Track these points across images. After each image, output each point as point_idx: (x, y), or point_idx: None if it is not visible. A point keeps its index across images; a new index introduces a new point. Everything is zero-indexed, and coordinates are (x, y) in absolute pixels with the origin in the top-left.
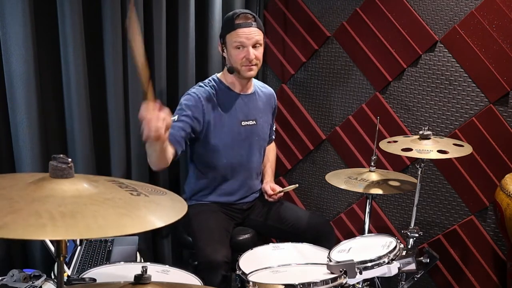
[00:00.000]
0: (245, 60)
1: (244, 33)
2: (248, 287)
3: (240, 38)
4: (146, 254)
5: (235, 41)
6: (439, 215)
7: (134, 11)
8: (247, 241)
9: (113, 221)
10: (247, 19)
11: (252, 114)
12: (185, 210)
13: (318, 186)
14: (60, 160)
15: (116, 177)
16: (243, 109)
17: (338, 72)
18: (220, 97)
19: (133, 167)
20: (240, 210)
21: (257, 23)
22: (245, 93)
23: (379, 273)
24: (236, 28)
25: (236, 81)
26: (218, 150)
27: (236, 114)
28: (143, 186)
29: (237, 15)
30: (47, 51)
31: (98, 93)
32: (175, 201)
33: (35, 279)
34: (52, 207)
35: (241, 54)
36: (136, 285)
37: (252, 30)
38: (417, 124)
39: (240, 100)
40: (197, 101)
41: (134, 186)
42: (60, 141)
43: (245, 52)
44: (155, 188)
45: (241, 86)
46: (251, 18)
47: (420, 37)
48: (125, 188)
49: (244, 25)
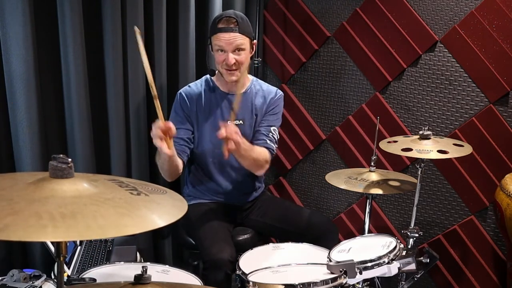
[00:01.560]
0: (224, 64)
1: (224, 38)
2: (248, 287)
3: (220, 42)
4: (146, 254)
5: (215, 44)
6: (439, 215)
7: (140, 34)
8: (247, 241)
9: (113, 221)
10: (229, 24)
11: (240, 114)
12: (185, 209)
13: (318, 186)
14: (60, 160)
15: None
16: (231, 108)
17: (338, 72)
18: (208, 96)
19: (133, 167)
20: (239, 210)
21: (241, 28)
22: (234, 92)
23: (379, 273)
24: (217, 32)
25: (224, 82)
26: (205, 148)
27: (222, 113)
28: (143, 185)
29: (220, 18)
30: (47, 51)
31: (98, 93)
32: (175, 200)
33: (35, 279)
34: (52, 208)
35: (221, 57)
36: (136, 285)
37: (233, 35)
38: (417, 124)
39: (228, 100)
40: (183, 99)
41: (134, 185)
42: (60, 141)
43: (225, 56)
44: (155, 187)
45: (230, 86)
46: (233, 23)
47: (420, 37)
48: (125, 187)
49: (224, 30)
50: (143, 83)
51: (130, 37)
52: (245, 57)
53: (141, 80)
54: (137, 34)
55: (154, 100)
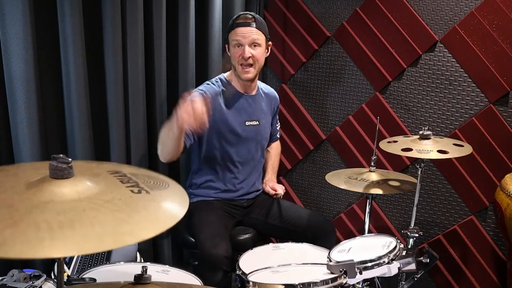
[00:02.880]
0: (241, 59)
1: (242, 32)
2: (248, 287)
3: (237, 36)
4: (146, 254)
5: (233, 39)
6: (439, 215)
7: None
8: (247, 241)
9: (111, 230)
10: (246, 19)
11: (255, 115)
12: (186, 207)
13: (318, 186)
14: (60, 160)
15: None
16: (247, 110)
17: (338, 72)
18: (227, 96)
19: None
20: (240, 207)
21: (257, 24)
22: (249, 94)
23: (379, 273)
24: (234, 27)
25: (240, 83)
26: (222, 148)
27: (240, 113)
28: (146, 177)
29: (239, 15)
30: (47, 51)
31: (98, 93)
32: (176, 197)
33: (35, 279)
34: (51, 216)
35: (238, 52)
36: (136, 285)
37: (250, 29)
38: (417, 124)
39: (244, 101)
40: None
41: (136, 178)
42: (60, 141)
43: (242, 50)
44: (158, 180)
45: (245, 87)
46: (250, 19)
47: (420, 37)
48: (127, 182)
49: (242, 25)
50: (143, 83)
51: (130, 37)
52: (261, 54)
53: (141, 80)
54: None
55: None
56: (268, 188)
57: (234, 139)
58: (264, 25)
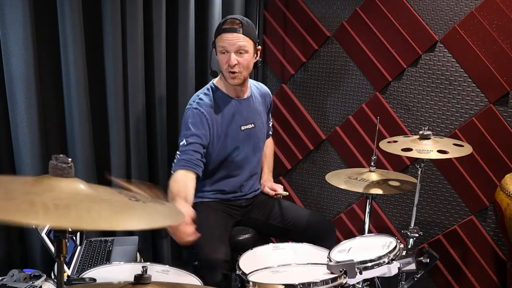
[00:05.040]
0: (227, 66)
1: (227, 38)
2: (248, 287)
3: (223, 42)
4: (146, 254)
5: (219, 45)
6: (439, 215)
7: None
8: (247, 241)
9: (107, 216)
10: (233, 25)
11: (250, 118)
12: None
13: (318, 186)
14: (60, 160)
15: (116, 177)
16: (242, 114)
17: (338, 72)
18: (219, 105)
19: (132, 167)
20: (239, 207)
21: (244, 29)
22: (241, 97)
23: (379, 273)
24: (221, 33)
25: (230, 88)
26: (219, 153)
27: (235, 120)
28: (146, 197)
29: (226, 20)
30: (47, 51)
31: (98, 93)
32: (172, 210)
33: (35, 279)
34: (48, 200)
35: (224, 58)
36: (136, 285)
37: (236, 35)
38: (417, 124)
39: (238, 106)
40: (201, 116)
41: (135, 195)
42: (60, 141)
43: (227, 57)
44: (157, 199)
45: (236, 92)
46: (237, 24)
47: (420, 37)
48: (126, 195)
49: (228, 30)
50: (143, 83)
51: (130, 37)
52: (248, 61)
53: (141, 80)
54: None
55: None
56: (267, 189)
57: (231, 145)
58: (252, 29)
